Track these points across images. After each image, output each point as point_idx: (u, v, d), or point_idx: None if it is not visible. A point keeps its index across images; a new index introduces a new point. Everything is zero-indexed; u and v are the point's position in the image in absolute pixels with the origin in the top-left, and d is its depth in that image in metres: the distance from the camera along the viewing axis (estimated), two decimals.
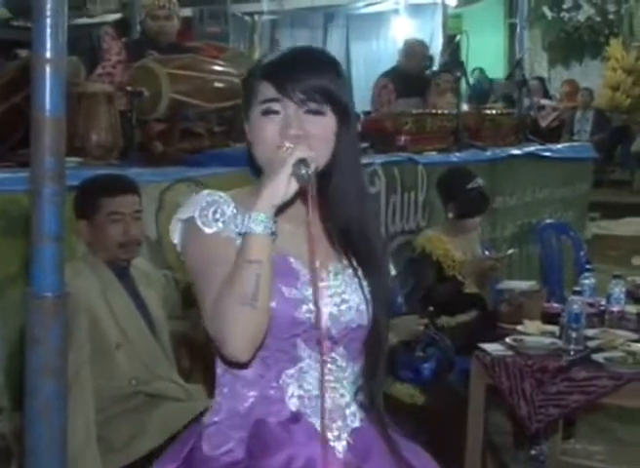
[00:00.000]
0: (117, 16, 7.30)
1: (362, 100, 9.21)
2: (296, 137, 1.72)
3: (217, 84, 4.74)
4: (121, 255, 3.18)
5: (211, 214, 1.74)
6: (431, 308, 4.02)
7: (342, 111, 1.79)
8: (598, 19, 14.34)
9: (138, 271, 3.28)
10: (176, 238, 1.80)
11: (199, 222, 1.74)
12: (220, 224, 1.74)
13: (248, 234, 1.64)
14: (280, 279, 1.73)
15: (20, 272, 3.10)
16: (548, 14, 14.56)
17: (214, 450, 1.78)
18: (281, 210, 1.72)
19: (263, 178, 1.70)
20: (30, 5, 2.04)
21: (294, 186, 1.66)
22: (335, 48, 13.82)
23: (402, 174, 5.32)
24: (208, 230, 1.74)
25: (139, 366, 3.12)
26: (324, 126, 1.77)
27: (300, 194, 1.71)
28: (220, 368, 1.83)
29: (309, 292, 1.75)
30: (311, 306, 1.74)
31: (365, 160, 5.03)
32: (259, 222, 1.63)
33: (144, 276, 3.31)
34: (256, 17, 13.79)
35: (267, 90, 1.77)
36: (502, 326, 4.01)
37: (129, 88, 4.48)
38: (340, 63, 1.89)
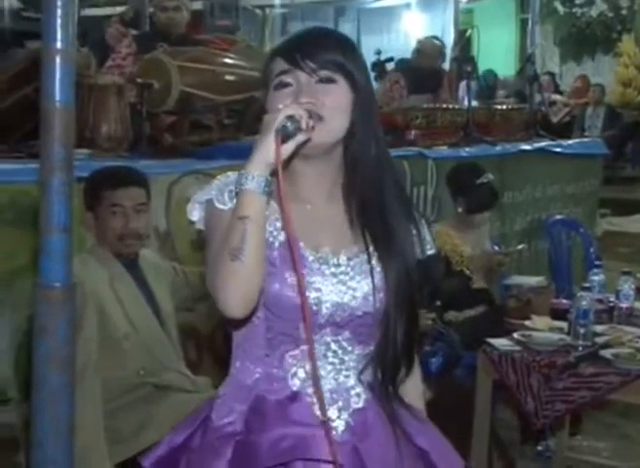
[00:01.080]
0: (125, 8, 7.27)
1: None
2: (307, 104, 1.72)
3: (227, 77, 4.74)
4: (121, 249, 3.17)
5: (227, 193, 1.77)
6: (439, 303, 4.02)
7: (355, 82, 1.79)
8: (611, 14, 14.28)
9: (146, 262, 3.29)
10: (195, 216, 1.84)
11: (216, 202, 1.78)
12: (235, 201, 1.75)
13: (240, 191, 1.67)
14: (286, 264, 1.76)
15: (29, 263, 3.11)
16: (560, 9, 14.51)
17: (219, 420, 1.84)
18: (296, 191, 1.77)
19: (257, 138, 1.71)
20: None
21: (289, 146, 1.67)
22: None
23: (412, 168, 5.32)
24: (223, 207, 1.77)
25: (146, 356, 3.12)
26: (337, 94, 1.78)
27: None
28: (233, 343, 1.88)
29: (313, 278, 1.78)
30: (314, 293, 1.77)
31: None
32: (250, 179, 1.65)
33: (153, 267, 3.31)
34: (266, 10, 13.79)
35: (279, 64, 1.80)
36: (510, 321, 4.01)
37: (139, 80, 4.49)
38: (353, 42, 1.89)
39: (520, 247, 5.37)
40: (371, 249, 1.84)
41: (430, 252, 1.96)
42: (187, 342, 3.46)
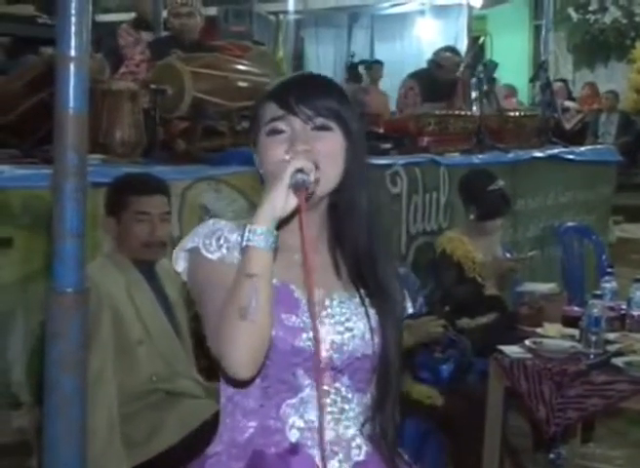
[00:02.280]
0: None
1: None
2: (303, 153, 1.67)
3: (240, 83, 4.76)
4: (145, 255, 3.19)
5: (214, 241, 1.71)
6: (447, 308, 4.02)
7: (349, 130, 1.75)
8: (624, 21, 14.24)
9: (163, 270, 3.29)
10: (180, 266, 1.77)
11: (203, 251, 1.71)
12: (224, 250, 1.71)
13: (247, 247, 1.60)
14: (281, 307, 1.69)
15: (43, 268, 3.13)
16: (574, 16, 14.48)
17: None
18: (285, 237, 1.68)
19: (264, 192, 1.64)
20: (56, 2, 2.06)
21: (293, 199, 1.61)
22: (359, 48, 13.83)
23: (424, 175, 5.32)
24: (212, 256, 1.70)
25: (159, 363, 3.13)
26: (332, 142, 1.73)
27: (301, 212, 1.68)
28: (223, 397, 1.80)
29: (309, 320, 1.69)
30: (311, 334, 1.68)
31: (387, 161, 5.09)
32: (258, 235, 1.59)
33: (169, 275, 3.31)
34: (280, 16, 13.81)
35: (272, 109, 1.74)
36: (522, 328, 4.00)
37: (152, 86, 4.51)
38: (345, 90, 1.84)
39: (531, 254, 5.36)
40: (363, 293, 1.79)
41: (410, 311, 1.91)
42: (200, 349, 3.46)
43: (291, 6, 13.08)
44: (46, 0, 5.95)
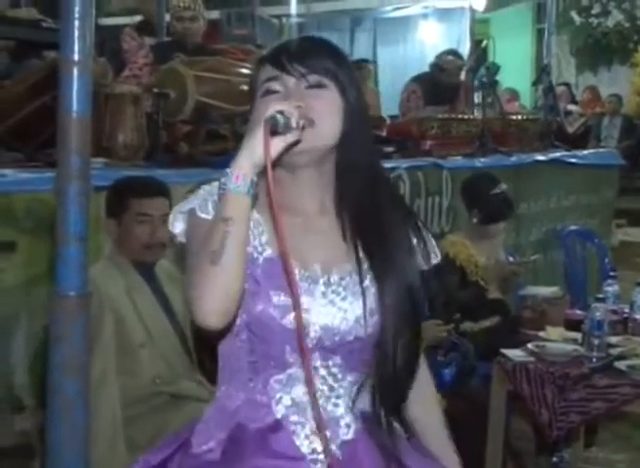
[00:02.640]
0: (140, 17, 7.34)
1: (388, 104, 9.22)
2: (297, 107, 1.61)
3: (243, 86, 4.75)
4: (145, 257, 3.21)
5: (211, 202, 1.67)
6: (458, 315, 4.03)
7: (347, 91, 1.71)
8: (627, 24, 14.24)
9: (163, 272, 3.31)
10: (177, 227, 1.73)
11: (199, 211, 1.68)
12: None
13: (223, 192, 1.56)
14: (270, 283, 1.66)
15: (46, 271, 3.13)
16: (577, 19, 14.48)
17: (198, 447, 1.73)
18: (285, 202, 1.65)
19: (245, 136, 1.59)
20: (59, 6, 2.07)
21: (275, 145, 1.55)
22: (362, 51, 13.83)
23: (426, 178, 5.32)
24: (206, 216, 1.66)
25: (162, 365, 3.14)
26: (327, 99, 1.69)
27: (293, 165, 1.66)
28: (220, 364, 1.78)
29: (301, 299, 1.63)
30: (302, 314, 1.61)
31: (389, 164, 5.09)
32: (234, 179, 1.55)
33: (169, 277, 3.33)
34: (283, 19, 13.82)
35: (267, 71, 1.72)
36: (525, 332, 4.00)
37: (155, 89, 4.51)
38: (343, 51, 1.81)
39: (534, 257, 5.36)
40: (365, 266, 1.72)
41: (435, 261, 1.86)
42: (202, 352, 3.46)
43: (293, 9, 13.07)
44: (50, 4, 5.95)
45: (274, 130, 1.54)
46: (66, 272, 2.09)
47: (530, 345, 3.58)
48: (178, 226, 1.73)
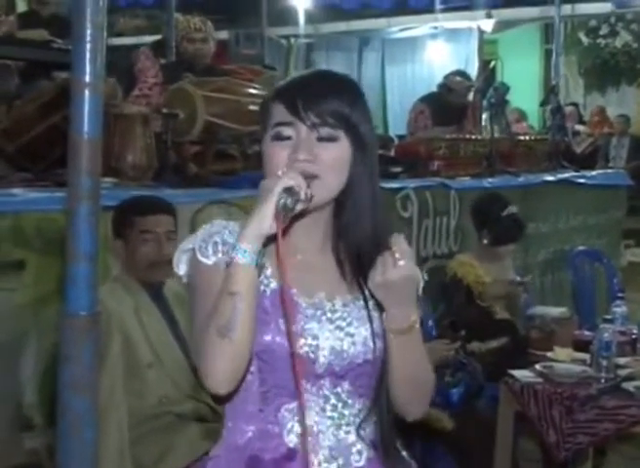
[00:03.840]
0: (156, 37, 7.37)
1: (396, 124, 9.26)
2: (304, 162, 1.65)
3: (251, 107, 4.78)
4: (153, 276, 3.20)
5: (211, 245, 1.69)
6: (463, 332, 4.02)
7: (358, 137, 1.71)
8: (635, 45, 14.27)
9: (171, 292, 3.31)
10: (181, 269, 1.76)
11: (199, 254, 1.70)
12: (220, 255, 1.69)
13: (230, 264, 1.59)
14: (278, 312, 1.68)
15: (55, 290, 3.14)
16: (585, 40, 14.51)
17: None
18: (287, 239, 1.64)
19: (254, 207, 1.62)
20: (70, 26, 2.08)
21: (287, 217, 1.59)
22: (370, 72, 13.89)
23: (434, 198, 5.33)
24: (206, 261, 1.69)
25: (169, 385, 3.14)
26: (336, 153, 1.69)
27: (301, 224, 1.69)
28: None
29: (309, 325, 1.69)
30: (310, 340, 1.68)
31: (397, 184, 5.10)
32: (242, 253, 1.57)
33: (177, 297, 3.33)
34: (292, 40, 13.88)
35: (280, 112, 1.71)
36: (533, 352, 4.00)
37: (164, 110, 4.54)
38: (358, 86, 1.80)
39: (526, 278, 5.29)
40: (367, 293, 1.74)
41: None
42: None
43: (302, 30, 13.15)
44: (60, 25, 6.01)
45: (285, 212, 1.58)
46: (76, 292, 2.10)
47: (538, 366, 3.58)
48: (182, 268, 1.76)
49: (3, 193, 3.73)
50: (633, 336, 3.99)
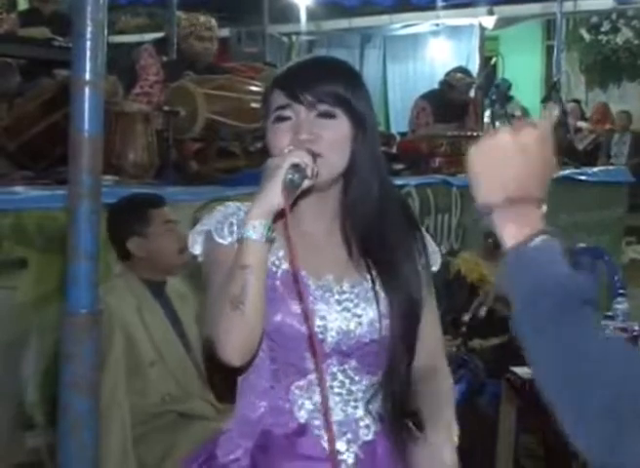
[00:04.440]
0: (158, 34, 7.37)
1: (398, 122, 9.25)
2: (306, 142, 1.70)
3: (253, 104, 4.78)
4: (180, 261, 3.19)
5: (227, 226, 1.76)
6: (464, 329, 4.02)
7: (356, 115, 1.76)
8: (636, 41, 14.24)
9: (173, 290, 3.31)
10: (197, 249, 1.82)
11: (215, 235, 1.76)
12: (235, 235, 1.74)
13: (242, 239, 1.65)
14: (289, 293, 1.74)
15: (56, 289, 3.14)
16: (586, 36, 14.49)
17: (224, 457, 1.81)
18: (296, 223, 1.71)
19: (262, 184, 1.68)
20: (71, 24, 2.08)
21: (294, 194, 1.65)
22: (371, 69, 13.87)
23: (436, 196, 5.34)
24: (223, 241, 1.75)
25: (172, 383, 3.14)
26: (336, 130, 1.74)
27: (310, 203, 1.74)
28: (240, 377, 1.84)
29: (317, 306, 1.75)
30: (319, 321, 1.74)
31: (399, 181, 5.10)
32: (252, 228, 1.63)
33: (179, 296, 3.33)
34: (293, 37, 13.87)
35: (278, 97, 1.77)
36: None
37: (165, 107, 4.54)
38: (357, 71, 1.87)
39: None
40: (374, 274, 1.80)
41: (435, 268, 1.91)
42: (213, 371, 3.47)
43: (303, 27, 13.12)
44: (61, 23, 6.01)
45: (292, 188, 1.63)
46: (77, 290, 2.10)
47: None
48: (197, 248, 1.82)
49: (4, 191, 3.74)
50: (634, 333, 3.98)
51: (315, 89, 1.74)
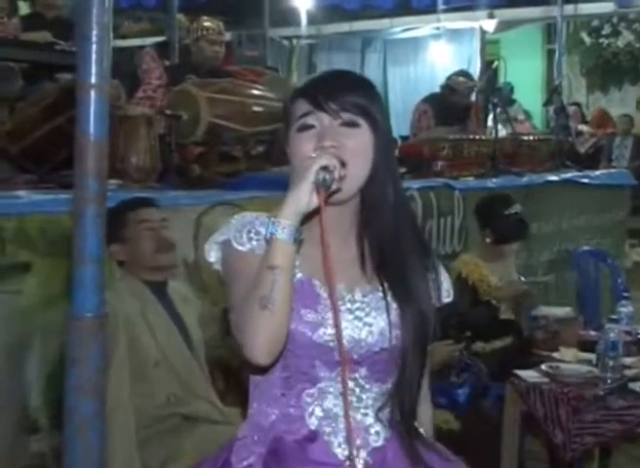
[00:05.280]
0: (159, 38, 7.38)
1: (399, 125, 9.23)
2: (330, 148, 1.73)
3: (255, 108, 4.78)
4: (159, 262, 3.23)
5: (245, 234, 1.78)
6: (468, 333, 4.02)
7: (377, 126, 1.80)
8: (637, 45, 14.25)
9: (175, 293, 3.31)
10: (212, 257, 1.85)
11: (234, 243, 1.79)
12: (254, 243, 1.77)
13: (271, 240, 1.67)
14: (301, 301, 1.76)
15: (60, 292, 3.14)
16: (587, 39, 14.50)
17: (239, 463, 1.83)
18: (314, 231, 1.73)
19: (289, 187, 1.71)
20: (73, 29, 2.08)
21: (317, 197, 1.67)
22: (372, 72, 13.85)
23: (438, 199, 5.33)
24: (242, 248, 1.78)
25: (176, 384, 3.14)
26: (359, 138, 1.78)
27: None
28: (251, 383, 1.87)
29: (329, 315, 1.77)
30: (330, 329, 1.76)
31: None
32: (281, 228, 1.65)
33: (182, 298, 3.34)
34: (294, 41, 13.87)
35: (302, 106, 1.80)
36: (538, 352, 3.99)
37: (168, 111, 4.54)
38: (373, 84, 1.90)
39: (546, 278, 5.34)
40: (386, 286, 1.83)
41: (447, 300, 1.96)
42: (216, 373, 3.47)
43: (304, 31, 13.12)
44: (63, 28, 6.01)
45: (323, 188, 1.66)
46: (83, 293, 2.09)
47: (544, 366, 3.57)
48: (213, 255, 1.85)
49: (7, 195, 3.74)
50: (639, 336, 3.98)
51: (339, 98, 1.78)
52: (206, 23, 5.73)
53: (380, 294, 1.82)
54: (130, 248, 3.21)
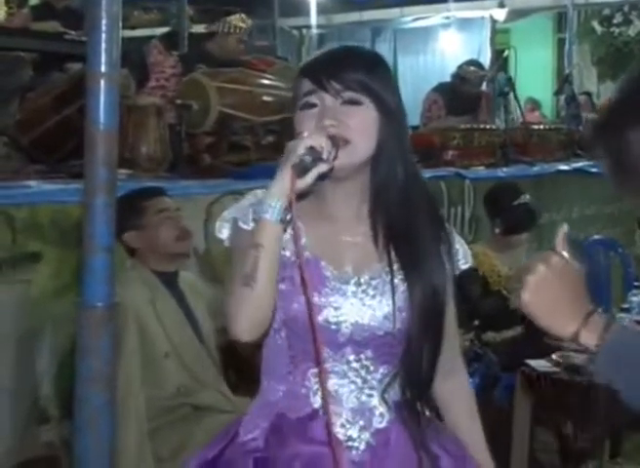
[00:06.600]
0: (165, 29, 7.38)
1: (409, 115, 9.22)
2: (329, 127, 1.72)
3: (265, 97, 4.78)
4: (179, 249, 3.25)
5: (250, 212, 1.79)
6: (477, 322, 4.01)
7: (382, 103, 1.78)
8: None
9: (185, 283, 3.31)
10: (224, 233, 1.87)
11: (240, 222, 1.81)
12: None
13: (258, 219, 1.69)
14: (309, 282, 1.73)
15: (70, 282, 3.15)
16: (598, 28, 14.45)
17: (244, 436, 1.85)
18: (324, 209, 1.78)
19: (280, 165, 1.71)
20: (82, 19, 2.08)
21: (307, 179, 1.66)
22: None
23: (449, 188, 5.32)
24: (246, 227, 1.79)
25: (186, 375, 3.14)
26: (362, 116, 1.77)
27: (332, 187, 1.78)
28: (264, 359, 1.89)
29: (333, 297, 1.78)
30: (332, 311, 1.78)
31: None
32: (267, 208, 1.66)
33: (192, 288, 3.34)
34: (304, 31, 13.86)
35: (305, 84, 1.80)
36: (549, 342, 3.97)
37: (178, 101, 4.53)
38: (383, 59, 1.88)
39: None
40: (395, 267, 1.82)
41: (464, 266, 1.96)
42: (227, 363, 3.47)
43: (314, 21, 13.10)
44: (72, 17, 6.01)
45: (302, 170, 1.64)
46: (93, 283, 2.10)
47: (555, 355, 3.56)
48: (224, 232, 1.87)
49: (18, 185, 3.74)
50: None
51: (341, 76, 1.76)
52: (241, 24, 5.78)
53: (388, 277, 1.81)
54: (149, 235, 3.20)
